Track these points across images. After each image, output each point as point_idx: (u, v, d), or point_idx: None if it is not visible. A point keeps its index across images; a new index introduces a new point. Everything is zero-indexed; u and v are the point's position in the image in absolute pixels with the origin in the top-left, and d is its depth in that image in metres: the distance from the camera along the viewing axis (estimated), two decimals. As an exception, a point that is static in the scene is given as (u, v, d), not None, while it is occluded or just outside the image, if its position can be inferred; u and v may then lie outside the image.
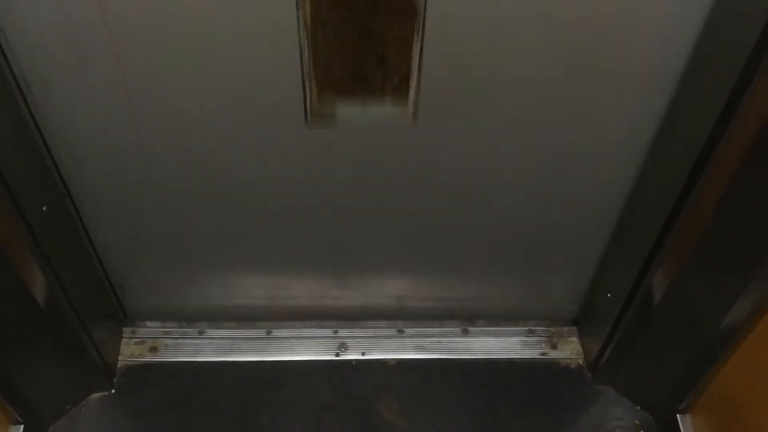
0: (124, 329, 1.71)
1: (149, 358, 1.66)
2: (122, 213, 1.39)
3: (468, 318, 1.73)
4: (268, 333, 1.71)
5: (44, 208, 1.23)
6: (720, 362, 1.36)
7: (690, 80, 1.13)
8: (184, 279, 1.59)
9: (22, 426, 1.44)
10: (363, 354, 1.69)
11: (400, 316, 1.72)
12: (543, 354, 1.71)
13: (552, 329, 1.75)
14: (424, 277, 1.62)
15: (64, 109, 1.18)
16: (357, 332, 1.72)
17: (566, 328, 1.75)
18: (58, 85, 1.14)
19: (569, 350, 1.72)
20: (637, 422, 1.60)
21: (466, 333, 1.73)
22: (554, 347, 1.72)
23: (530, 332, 1.74)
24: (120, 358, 1.66)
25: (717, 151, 1.09)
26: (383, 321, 1.73)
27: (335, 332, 1.72)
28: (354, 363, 1.68)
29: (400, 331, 1.73)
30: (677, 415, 1.52)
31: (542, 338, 1.74)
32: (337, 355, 1.69)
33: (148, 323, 1.71)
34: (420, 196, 1.38)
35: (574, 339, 1.73)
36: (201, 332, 1.71)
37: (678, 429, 1.51)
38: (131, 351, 1.68)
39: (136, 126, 1.21)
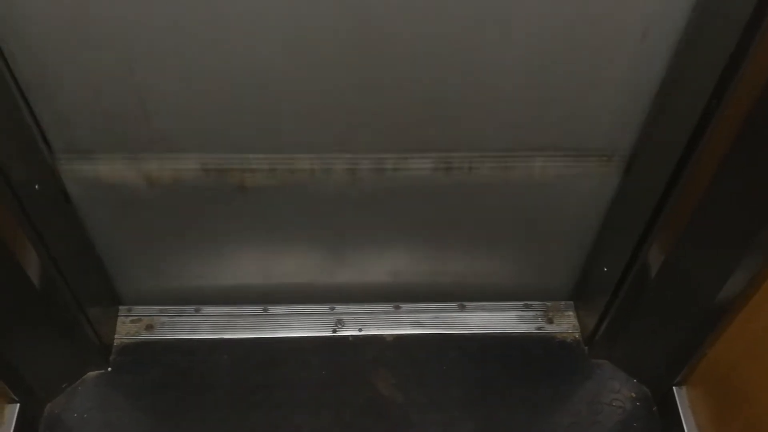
0: (120, 307, 1.70)
1: (145, 336, 1.66)
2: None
3: (464, 294, 1.72)
4: (265, 310, 1.71)
5: (36, 187, 1.22)
6: (716, 335, 1.36)
7: (685, 53, 1.12)
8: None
9: (18, 405, 1.44)
10: (360, 330, 1.69)
11: (397, 293, 1.71)
12: (539, 328, 1.71)
13: (548, 304, 1.75)
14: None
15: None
16: (354, 308, 1.72)
17: (562, 303, 1.75)
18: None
19: (565, 324, 1.72)
20: (633, 395, 1.60)
21: (462, 308, 1.73)
22: (550, 321, 1.72)
23: (526, 307, 1.75)
24: (116, 336, 1.66)
25: (712, 124, 1.08)
26: (380, 298, 1.72)
27: (332, 309, 1.72)
28: (351, 339, 1.68)
29: (397, 307, 1.73)
30: (673, 387, 1.53)
31: (538, 313, 1.74)
32: (334, 331, 1.69)
33: (144, 302, 1.70)
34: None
35: (571, 313, 1.74)
36: (197, 310, 1.70)
37: (674, 401, 1.51)
38: (127, 329, 1.67)
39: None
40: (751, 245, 1.16)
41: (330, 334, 1.68)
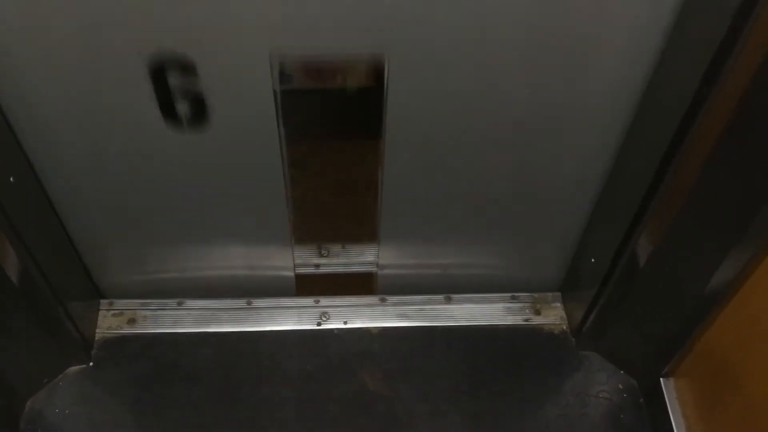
0: (101, 301, 1.68)
1: (127, 330, 1.64)
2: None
3: (451, 286, 1.71)
4: (249, 303, 1.69)
5: (11, 179, 1.19)
6: (704, 326, 1.35)
7: (676, 37, 1.10)
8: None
9: (-2, 401, 1.43)
10: (345, 323, 1.67)
11: (383, 286, 1.70)
12: (526, 320, 1.70)
13: (535, 295, 1.74)
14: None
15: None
16: (338, 301, 1.70)
17: (550, 294, 1.74)
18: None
19: (553, 316, 1.71)
20: (620, 386, 1.60)
21: (449, 300, 1.72)
22: (538, 313, 1.71)
23: (513, 299, 1.74)
24: (97, 330, 1.63)
25: (702, 112, 1.07)
26: (365, 291, 1.71)
27: (316, 301, 1.70)
28: (336, 332, 1.66)
29: (383, 300, 1.71)
30: (661, 379, 1.52)
31: (525, 304, 1.73)
32: (319, 324, 1.67)
33: (125, 295, 1.68)
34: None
35: (558, 305, 1.73)
36: (180, 303, 1.68)
37: (661, 393, 1.51)
38: (109, 323, 1.65)
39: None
40: (740, 235, 1.15)
41: (315, 327, 1.67)
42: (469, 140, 1.31)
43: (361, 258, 1.63)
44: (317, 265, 1.63)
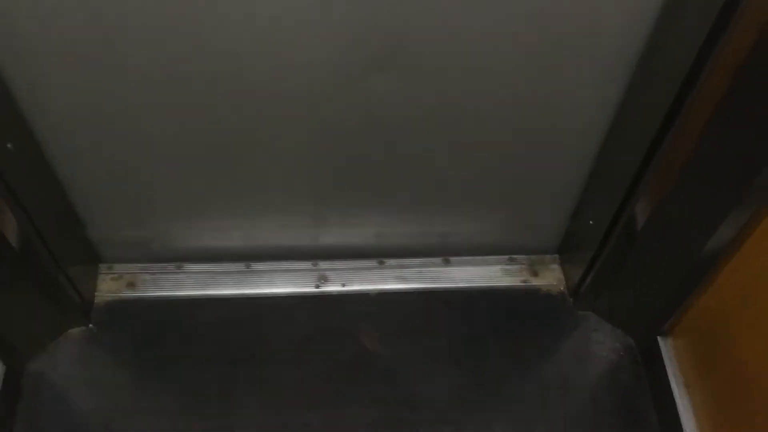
0: (101, 265, 1.68)
1: (127, 294, 1.64)
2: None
3: (449, 248, 1.71)
4: (248, 266, 1.69)
5: (8, 145, 1.18)
6: (700, 287, 1.36)
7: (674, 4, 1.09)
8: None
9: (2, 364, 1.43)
10: (343, 285, 1.68)
11: (381, 251, 1.70)
12: (524, 281, 1.71)
13: (533, 257, 1.75)
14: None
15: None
16: (337, 264, 1.70)
17: (548, 256, 1.75)
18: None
19: (550, 277, 1.72)
20: (618, 345, 1.61)
21: (447, 263, 1.73)
22: (535, 275, 1.72)
23: (511, 260, 1.74)
24: (97, 293, 1.64)
25: (704, 73, 1.05)
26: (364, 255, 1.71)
27: (315, 264, 1.70)
28: (334, 294, 1.67)
29: (381, 263, 1.71)
30: (658, 337, 1.54)
31: (523, 266, 1.73)
32: (318, 287, 1.67)
33: (125, 259, 1.67)
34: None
35: (556, 266, 1.73)
36: (179, 267, 1.68)
37: (659, 351, 1.52)
38: (108, 286, 1.65)
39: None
40: (739, 197, 1.15)
41: (313, 290, 1.67)
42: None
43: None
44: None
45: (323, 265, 1.70)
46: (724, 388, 1.33)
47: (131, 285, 1.65)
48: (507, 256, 1.74)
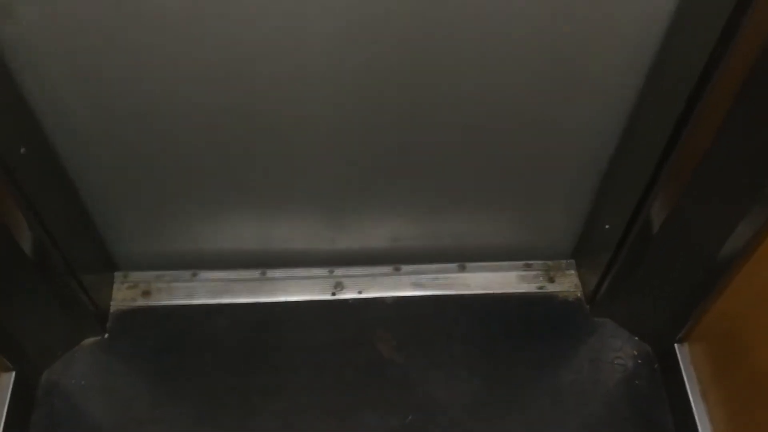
0: (116, 274, 1.68)
1: (142, 302, 1.65)
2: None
3: (464, 254, 1.71)
4: (263, 274, 1.69)
5: (22, 150, 1.18)
6: (719, 290, 1.35)
7: (688, 3, 1.08)
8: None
9: (14, 372, 1.43)
10: (360, 292, 1.67)
11: (397, 256, 1.70)
12: (540, 288, 1.70)
13: (549, 263, 1.74)
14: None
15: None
16: (353, 271, 1.70)
17: (564, 262, 1.74)
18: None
19: (567, 283, 1.71)
20: (635, 352, 1.60)
21: (462, 269, 1.72)
22: (551, 281, 1.71)
23: (527, 266, 1.73)
24: (112, 302, 1.64)
25: (717, 74, 1.04)
26: (379, 260, 1.70)
27: (331, 272, 1.70)
28: (350, 302, 1.66)
29: (397, 269, 1.71)
30: (675, 344, 1.52)
31: (539, 272, 1.72)
32: (333, 294, 1.67)
33: (140, 267, 1.68)
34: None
35: (572, 272, 1.72)
36: (194, 275, 1.68)
37: (676, 358, 1.51)
38: (123, 295, 1.66)
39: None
40: (755, 200, 1.14)
41: (329, 297, 1.67)
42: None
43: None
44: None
45: (339, 272, 1.70)
46: (741, 394, 1.32)
47: (146, 293, 1.65)
48: (523, 262, 1.73)
